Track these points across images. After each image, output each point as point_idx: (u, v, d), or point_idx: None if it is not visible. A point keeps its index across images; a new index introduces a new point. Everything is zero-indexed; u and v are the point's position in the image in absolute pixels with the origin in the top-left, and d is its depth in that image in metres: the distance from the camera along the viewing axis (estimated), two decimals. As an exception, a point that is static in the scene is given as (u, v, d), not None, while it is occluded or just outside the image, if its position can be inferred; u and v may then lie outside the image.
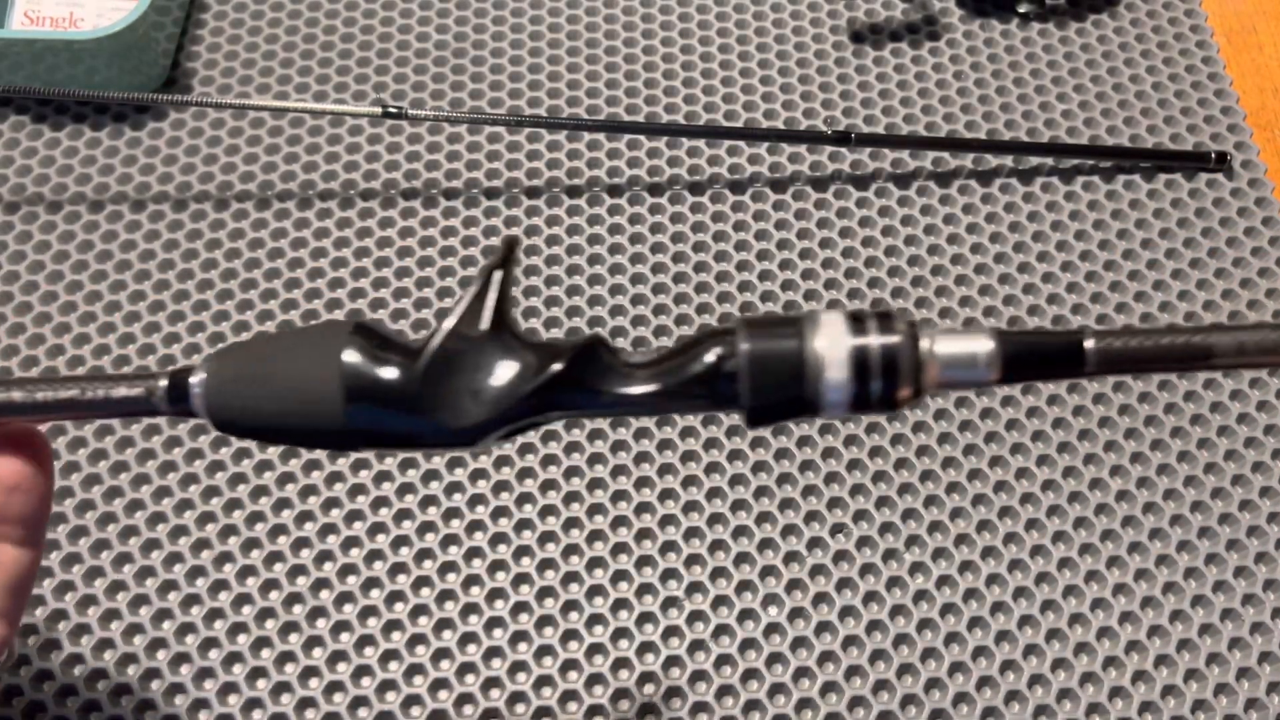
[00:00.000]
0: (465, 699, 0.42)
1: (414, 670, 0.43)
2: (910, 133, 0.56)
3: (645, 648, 0.44)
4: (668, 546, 0.45)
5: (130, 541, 0.45)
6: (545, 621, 0.44)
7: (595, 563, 0.45)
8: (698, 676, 0.43)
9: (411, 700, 0.42)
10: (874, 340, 0.23)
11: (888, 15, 0.60)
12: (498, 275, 0.25)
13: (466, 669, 0.43)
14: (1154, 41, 0.59)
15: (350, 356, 0.24)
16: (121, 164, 0.54)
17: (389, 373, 0.24)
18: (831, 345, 0.23)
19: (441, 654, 0.43)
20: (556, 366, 0.24)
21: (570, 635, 0.44)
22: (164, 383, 0.25)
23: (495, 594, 0.44)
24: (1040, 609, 0.44)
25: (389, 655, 0.43)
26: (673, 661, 0.43)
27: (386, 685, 0.43)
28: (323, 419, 0.24)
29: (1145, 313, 0.51)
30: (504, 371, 0.24)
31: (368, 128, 0.55)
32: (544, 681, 0.43)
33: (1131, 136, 0.56)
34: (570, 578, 0.45)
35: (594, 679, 0.43)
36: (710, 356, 0.24)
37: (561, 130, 0.55)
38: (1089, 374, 0.23)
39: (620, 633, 0.44)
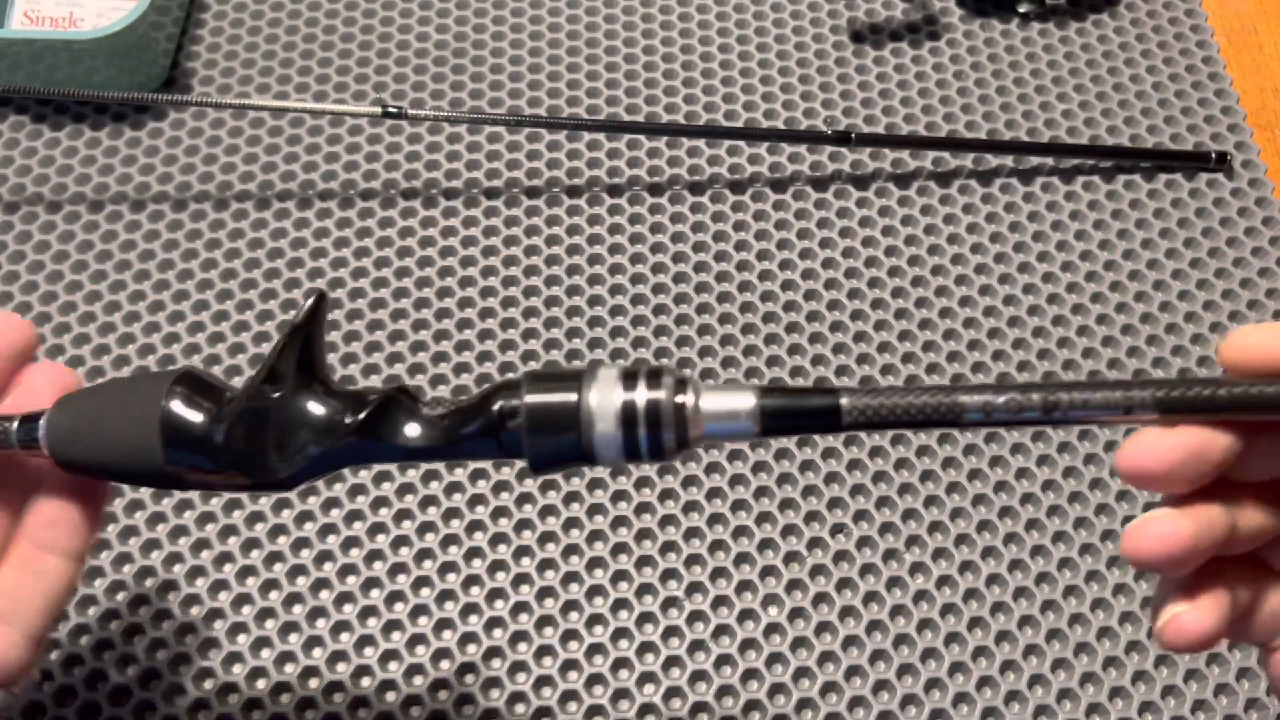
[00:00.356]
0: (465, 699, 0.42)
1: (414, 670, 0.43)
2: (910, 133, 0.56)
3: (645, 648, 0.44)
4: (668, 547, 0.45)
5: (130, 542, 0.45)
6: (545, 621, 0.44)
7: (595, 563, 0.45)
8: (698, 676, 0.43)
9: (411, 700, 0.42)
10: (641, 395, 0.25)
11: (888, 15, 0.60)
12: (305, 331, 0.26)
13: (466, 669, 0.43)
14: (1154, 41, 0.59)
15: (169, 404, 0.26)
16: (121, 164, 0.54)
17: (201, 423, 0.26)
18: (602, 400, 0.25)
19: (441, 654, 0.43)
20: (356, 420, 0.26)
21: (570, 635, 0.44)
22: (15, 424, 0.27)
23: (495, 594, 0.44)
24: (1040, 609, 0.44)
25: (389, 655, 0.43)
26: (673, 661, 0.43)
27: (386, 685, 0.43)
28: (147, 461, 0.26)
29: (1145, 313, 0.51)
30: (306, 426, 0.26)
31: (368, 128, 0.55)
32: (544, 681, 0.43)
33: (1132, 136, 0.56)
34: (570, 578, 0.45)
35: (594, 679, 0.43)
36: (496, 409, 0.25)
37: (561, 130, 0.55)
38: (845, 430, 0.25)
39: (620, 633, 0.44)
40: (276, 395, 0.26)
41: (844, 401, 0.25)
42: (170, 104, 0.54)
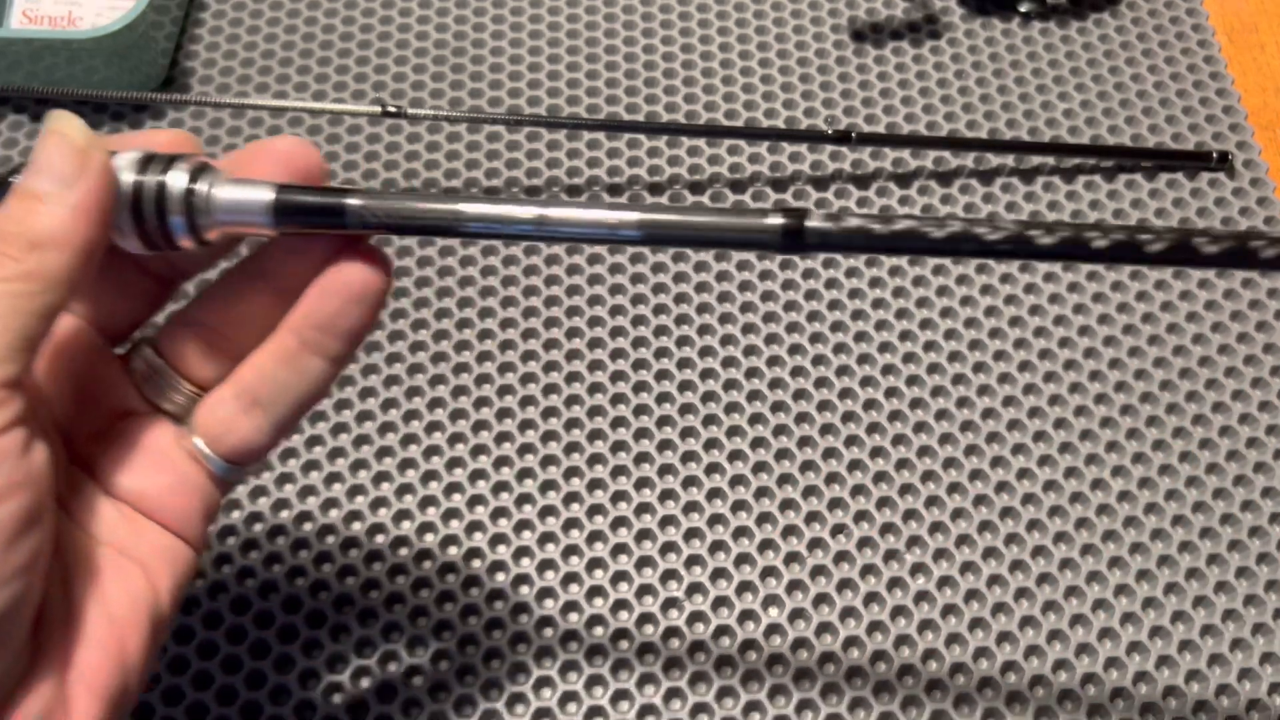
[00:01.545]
0: (464, 700, 0.42)
1: (413, 672, 0.43)
2: (911, 132, 0.56)
3: (645, 649, 0.43)
4: (668, 548, 0.45)
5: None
6: (545, 623, 0.44)
7: (595, 564, 0.45)
8: (698, 678, 0.43)
9: (411, 703, 0.42)
10: (153, 179, 0.25)
11: (888, 14, 0.60)
12: None
13: (466, 670, 0.43)
14: (1155, 40, 0.59)
15: None
16: (120, 164, 0.54)
17: None
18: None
19: (440, 655, 0.43)
20: None
21: (570, 636, 0.44)
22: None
23: (494, 595, 0.44)
24: (1041, 610, 0.44)
25: (388, 657, 0.43)
26: (673, 663, 0.43)
27: (386, 686, 0.43)
28: None
29: (1146, 313, 0.51)
30: None
31: (367, 127, 0.55)
32: (544, 683, 0.43)
33: (1133, 136, 0.56)
34: (570, 579, 0.45)
35: (594, 679, 0.43)
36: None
37: (561, 130, 0.55)
38: (354, 230, 0.26)
39: (620, 634, 0.44)
40: None
41: (350, 202, 0.26)
42: (170, 104, 0.54)
